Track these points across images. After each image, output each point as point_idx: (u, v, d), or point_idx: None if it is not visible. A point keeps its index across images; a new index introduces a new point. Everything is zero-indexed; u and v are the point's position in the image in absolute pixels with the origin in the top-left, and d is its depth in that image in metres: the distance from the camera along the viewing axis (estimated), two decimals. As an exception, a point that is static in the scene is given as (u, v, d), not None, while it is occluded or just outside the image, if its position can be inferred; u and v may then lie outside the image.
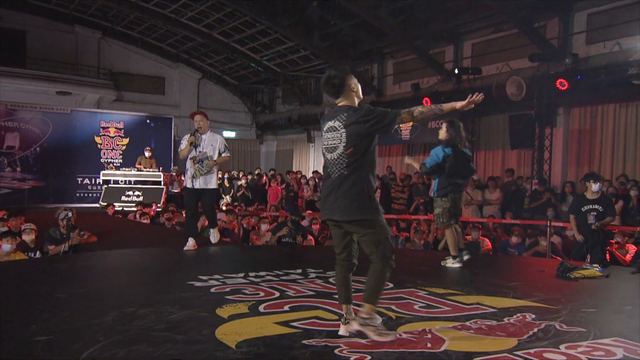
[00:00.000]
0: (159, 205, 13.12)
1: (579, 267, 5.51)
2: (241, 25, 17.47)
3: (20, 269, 5.68)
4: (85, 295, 4.30)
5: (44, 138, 17.54)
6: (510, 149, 13.03)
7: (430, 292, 4.56)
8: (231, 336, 3.20)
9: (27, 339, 3.09)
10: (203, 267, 5.49)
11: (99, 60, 20.49)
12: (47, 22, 19.63)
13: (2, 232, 6.59)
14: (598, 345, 3.22)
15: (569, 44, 11.83)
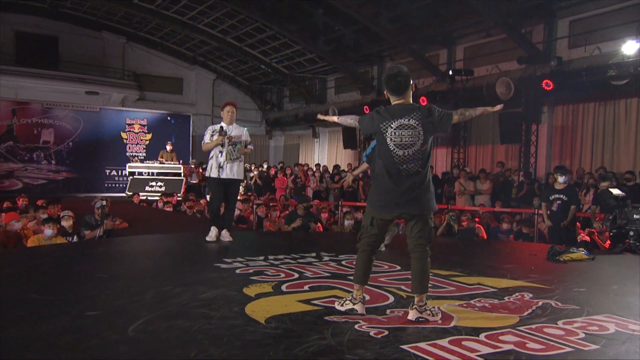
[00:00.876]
0: (179, 195, 13.15)
1: (567, 251, 5.53)
2: (253, 31, 17.41)
3: (62, 251, 5.69)
4: (124, 276, 4.30)
5: (75, 134, 17.59)
6: (499, 143, 13.04)
7: (435, 274, 4.51)
8: (260, 313, 3.20)
9: (79, 314, 3.10)
10: (226, 251, 5.48)
11: (123, 63, 20.47)
12: (77, 29, 19.60)
13: (45, 219, 6.64)
14: (592, 321, 3.23)
15: (553, 48, 11.81)
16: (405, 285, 4.09)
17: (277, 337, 2.78)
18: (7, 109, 16.70)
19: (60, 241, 6.42)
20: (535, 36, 12.15)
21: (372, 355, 2.57)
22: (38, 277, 4.23)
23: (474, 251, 6.15)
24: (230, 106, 6.22)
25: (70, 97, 18.56)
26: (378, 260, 5.02)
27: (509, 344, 2.76)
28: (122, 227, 7.69)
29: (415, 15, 13.62)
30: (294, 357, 2.50)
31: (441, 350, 2.65)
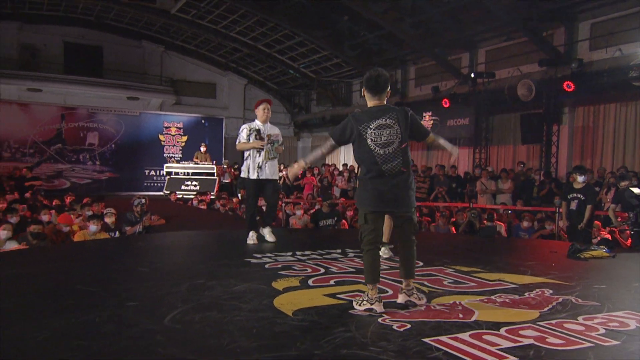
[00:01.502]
0: (213, 193, 13.28)
1: (588, 248, 5.38)
2: (281, 38, 17.50)
3: (105, 246, 5.81)
4: (161, 269, 4.35)
5: (117, 136, 17.92)
6: (520, 144, 12.81)
7: (456, 270, 4.48)
8: (287, 305, 3.20)
9: (120, 304, 3.15)
10: (256, 247, 5.49)
11: (161, 70, 20.82)
12: (120, 39, 20.05)
13: (90, 215, 6.80)
14: (612, 317, 3.13)
15: (574, 50, 11.51)
16: (427, 281, 4.05)
17: (304, 329, 2.78)
18: (56, 114, 17.16)
19: (104, 236, 6.57)
20: (557, 39, 11.88)
21: (394, 347, 2.55)
22: (83, 270, 4.33)
23: (494, 248, 6.03)
24: (265, 103, 5.69)
25: (113, 103, 18.98)
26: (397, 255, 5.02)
27: (529, 339, 2.69)
28: (159, 223, 7.79)
29: (437, 20, 13.48)
30: (320, 348, 2.49)
31: (462, 343, 2.61)
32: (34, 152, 16.52)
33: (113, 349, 2.44)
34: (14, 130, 16.26)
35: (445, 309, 3.28)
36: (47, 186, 15.77)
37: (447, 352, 2.48)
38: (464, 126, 13.77)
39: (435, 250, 5.60)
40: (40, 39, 18.98)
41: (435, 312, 3.19)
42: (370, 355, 2.42)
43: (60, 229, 6.95)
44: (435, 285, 3.91)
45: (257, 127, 5.55)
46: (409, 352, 2.49)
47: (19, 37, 18.59)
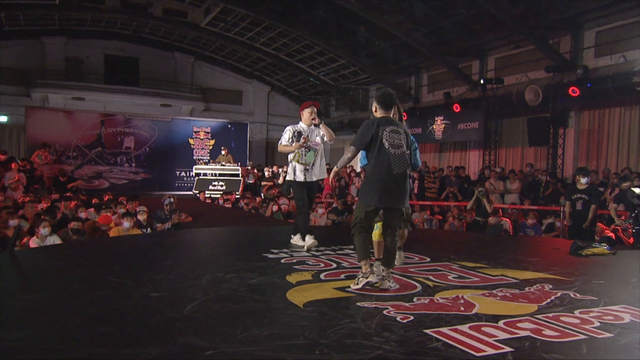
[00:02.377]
0: (237, 193, 13.38)
1: (589, 245, 5.27)
2: (302, 48, 17.55)
3: (137, 241, 5.89)
4: (186, 262, 4.38)
5: (151, 140, 18.08)
6: (528, 146, 12.61)
7: (461, 266, 4.43)
8: (299, 298, 3.21)
9: (145, 294, 3.20)
10: (274, 242, 5.49)
11: (192, 79, 21.06)
12: (154, 51, 20.36)
13: (123, 213, 6.93)
14: (608, 311, 3.07)
15: (579, 57, 11.29)
16: (433, 276, 4.02)
17: (313, 320, 2.79)
18: (97, 120, 17.49)
19: (136, 232, 6.69)
20: (563, 46, 11.66)
21: (396, 337, 2.55)
22: (117, 263, 4.43)
23: (500, 245, 5.94)
24: (312, 107, 5.10)
25: (147, 109, 19.28)
26: (410, 252, 4.97)
27: (526, 331, 2.66)
28: (187, 220, 7.88)
29: (449, 30, 13.37)
30: (326, 337, 2.50)
31: (461, 334, 2.59)
32: (76, 155, 16.86)
33: (136, 335, 2.49)
34: (59, 135, 16.63)
35: (448, 302, 3.26)
36: (88, 186, 16.15)
37: (446, 343, 2.47)
38: (474, 130, 13.61)
39: (443, 247, 5.55)
40: (84, 52, 19.44)
41: (438, 305, 3.17)
42: (373, 344, 2.42)
43: (98, 226, 7.10)
44: (440, 280, 3.88)
45: (300, 129, 5.09)
46: (410, 342, 2.49)
47: (65, 51, 19.07)
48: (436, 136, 14.77)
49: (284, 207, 9.86)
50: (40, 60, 18.65)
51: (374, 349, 2.36)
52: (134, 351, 2.27)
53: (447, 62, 14.35)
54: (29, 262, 4.43)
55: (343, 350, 2.34)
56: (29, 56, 18.48)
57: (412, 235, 6.81)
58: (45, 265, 4.24)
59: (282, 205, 10.05)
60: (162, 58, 20.51)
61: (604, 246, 5.31)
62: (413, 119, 15.55)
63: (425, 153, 16.47)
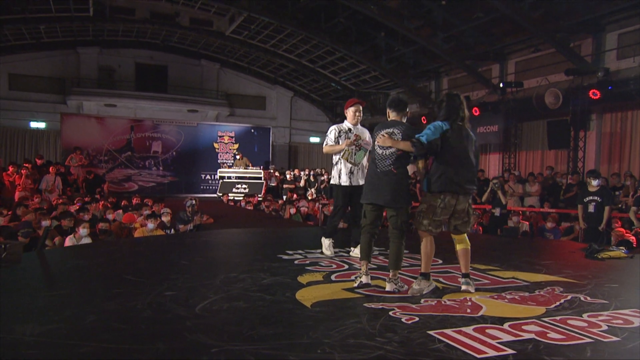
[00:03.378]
0: (260, 196, 13.48)
1: (606, 249, 5.12)
2: (324, 54, 17.57)
3: (159, 241, 5.98)
4: (202, 263, 4.44)
5: (178, 145, 18.28)
6: (548, 149, 12.35)
7: (473, 268, 4.30)
8: (308, 298, 3.22)
9: (160, 293, 3.25)
10: (290, 244, 5.51)
11: (217, 85, 21.29)
12: (182, 59, 20.64)
13: (148, 215, 7.07)
14: (618, 315, 3.00)
15: (601, 59, 10.99)
16: (443, 278, 3.98)
17: (319, 320, 2.79)
18: (127, 125, 17.88)
19: (159, 233, 6.82)
20: (584, 49, 11.38)
21: (399, 338, 2.53)
22: (137, 262, 4.53)
23: (515, 248, 5.83)
24: (357, 105, 4.64)
25: (175, 115, 19.59)
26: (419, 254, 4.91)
27: (531, 333, 2.61)
28: (208, 222, 7.98)
29: (468, 34, 13.21)
30: (330, 337, 2.51)
31: (464, 336, 2.56)
32: (107, 159, 17.28)
33: (146, 332, 2.54)
34: (91, 140, 17.08)
35: (455, 304, 3.23)
36: (118, 189, 16.54)
37: (448, 344, 2.45)
38: (493, 133, 13.41)
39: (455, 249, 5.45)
40: (116, 60, 19.94)
41: (445, 307, 3.15)
42: (376, 345, 2.42)
43: (124, 226, 7.26)
44: (449, 282, 3.86)
45: (347, 127, 4.67)
46: (412, 343, 2.47)
47: (99, 60, 19.58)
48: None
49: (303, 210, 9.90)
50: (75, 69, 19.20)
51: (375, 349, 2.36)
52: (142, 347, 2.33)
53: (466, 66, 14.18)
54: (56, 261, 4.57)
55: (345, 350, 2.34)
56: (65, 66, 19.06)
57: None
58: (71, 264, 4.37)
59: (302, 207, 10.09)
60: (189, 65, 20.79)
61: (622, 249, 5.17)
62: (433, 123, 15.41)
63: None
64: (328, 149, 4.70)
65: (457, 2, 11.98)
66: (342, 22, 14.78)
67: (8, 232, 6.09)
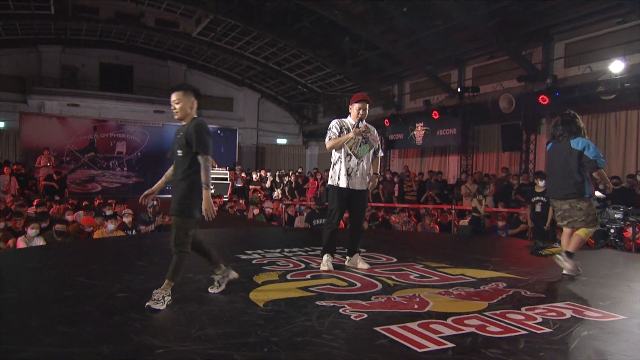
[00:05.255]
0: (226, 196, 13.34)
1: (549, 246, 5.30)
2: (290, 57, 17.57)
3: (118, 243, 5.83)
4: (159, 264, 4.27)
5: (143, 145, 17.94)
6: (501, 151, 12.72)
7: (425, 265, 4.45)
8: (261, 298, 3.20)
9: (112, 295, 3.18)
10: (250, 243, 5.50)
11: (184, 86, 20.97)
12: (148, 59, 20.28)
13: (108, 215, 6.88)
14: (553, 308, 3.12)
15: (550, 67, 11.41)
16: (395, 275, 4.03)
17: (269, 319, 2.79)
18: (90, 126, 17.35)
19: (120, 234, 6.65)
20: (535, 57, 11.78)
21: (346, 335, 2.56)
22: (91, 264, 4.37)
23: (467, 246, 5.97)
24: (363, 102, 4.18)
25: (142, 115, 19.15)
26: (378, 253, 4.99)
27: (471, 327, 2.69)
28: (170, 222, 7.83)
29: (429, 41, 13.45)
30: (278, 335, 2.51)
31: (408, 331, 2.60)
32: (70, 160, 16.73)
33: (93, 335, 2.47)
34: (53, 140, 16.45)
35: (404, 300, 3.28)
36: (82, 189, 16.03)
37: (393, 340, 2.49)
38: (452, 135, 13.70)
39: (412, 247, 5.56)
40: (79, 60, 19.32)
41: (394, 304, 3.19)
42: (322, 342, 2.43)
43: (83, 228, 7.04)
44: (401, 279, 3.90)
45: (350, 123, 4.25)
46: (358, 339, 2.50)
47: (61, 59, 18.94)
48: (417, 142, 14.85)
49: (267, 210, 9.86)
50: (37, 68, 18.51)
51: (321, 346, 2.37)
52: (86, 350, 2.26)
53: (427, 71, 14.45)
54: (7, 263, 4.38)
55: (291, 348, 2.35)
56: (25, 64, 18.36)
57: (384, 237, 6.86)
58: (21, 266, 4.20)
59: (267, 208, 10.04)
60: (155, 66, 20.44)
61: (564, 247, 5.35)
62: (395, 125, 15.64)
63: (407, 158, 16.55)
64: (333, 142, 4.17)
65: (419, 9, 12.20)
66: (308, 26, 14.81)
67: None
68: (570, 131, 4.20)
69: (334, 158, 4.29)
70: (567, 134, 4.21)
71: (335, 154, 4.27)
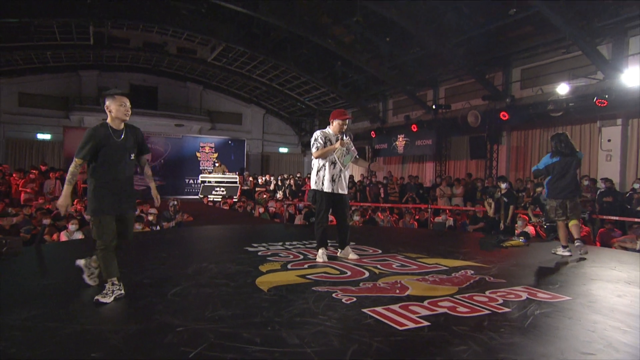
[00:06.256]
0: (235, 197, 13.30)
1: (508, 239, 5.34)
2: (291, 78, 17.59)
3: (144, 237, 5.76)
4: (179, 255, 4.32)
5: (165, 154, 17.92)
6: (469, 159, 12.75)
7: (405, 256, 4.42)
8: (265, 284, 3.19)
9: (139, 283, 3.17)
10: (256, 238, 5.43)
11: (201, 103, 20.94)
12: (170, 81, 20.20)
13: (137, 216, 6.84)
14: (511, 291, 3.14)
15: (509, 89, 11.49)
16: (380, 265, 4.01)
17: (273, 302, 2.78)
18: (121, 137, 17.26)
19: (146, 229, 6.61)
20: (496, 80, 11.86)
21: (338, 315, 2.56)
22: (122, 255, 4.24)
23: (441, 239, 5.98)
24: (346, 120, 4.10)
25: (164, 129, 19.10)
26: (366, 246, 4.98)
27: (444, 308, 2.70)
28: (188, 220, 7.81)
29: (409, 65, 13.51)
30: (280, 316, 2.51)
31: (391, 312, 2.61)
32: (104, 166, 16.61)
33: (123, 315, 2.47)
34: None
35: (388, 286, 3.28)
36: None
37: (377, 319, 2.49)
38: (428, 145, 13.75)
39: (395, 241, 5.55)
40: (113, 82, 19.22)
41: (379, 289, 3.19)
42: (318, 322, 2.43)
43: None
44: (385, 268, 3.90)
45: (332, 134, 4.17)
46: (349, 320, 2.50)
47: (98, 81, 18.87)
48: (399, 151, 14.87)
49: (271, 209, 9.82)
50: (77, 89, 18.52)
51: (317, 326, 2.37)
52: (117, 327, 2.25)
53: (407, 90, 14.48)
54: (52, 254, 4.36)
55: (291, 327, 2.35)
56: (68, 86, 18.39)
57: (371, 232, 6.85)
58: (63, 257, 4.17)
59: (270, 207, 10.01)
60: (176, 87, 20.37)
61: (521, 239, 5.40)
62: (381, 137, 15.67)
63: (391, 164, 16.57)
64: (322, 152, 4.06)
65: (399, 39, 12.25)
66: (306, 52, 14.85)
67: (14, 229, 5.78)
68: (573, 148, 4.62)
69: (318, 165, 4.16)
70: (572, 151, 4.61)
71: (319, 161, 4.15)
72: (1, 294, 2.77)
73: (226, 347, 2.04)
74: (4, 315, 2.37)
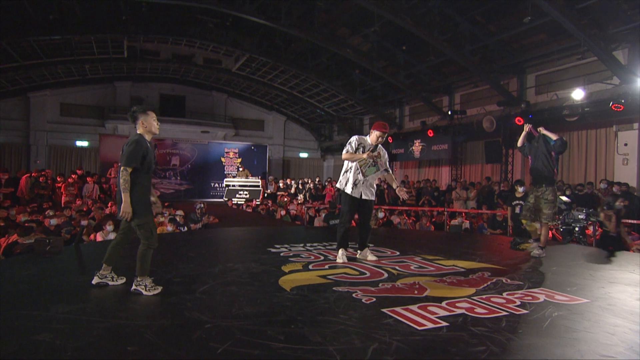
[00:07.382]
0: (258, 201, 13.40)
1: (525, 241, 5.21)
2: (311, 86, 17.63)
3: (173, 238, 5.87)
4: (206, 255, 4.38)
5: (192, 159, 18.14)
6: (485, 163, 12.51)
7: (423, 258, 4.39)
8: (288, 283, 3.21)
9: (169, 280, 3.22)
10: (278, 239, 5.46)
11: (225, 111, 21.20)
12: (197, 90, 20.50)
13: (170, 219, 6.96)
14: (529, 293, 3.07)
15: (524, 94, 11.23)
16: (399, 266, 3.98)
17: (295, 301, 2.79)
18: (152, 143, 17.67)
19: (175, 230, 6.73)
20: (511, 86, 11.62)
21: (358, 315, 2.55)
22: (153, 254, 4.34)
23: (457, 242, 5.88)
24: (384, 133, 4.09)
25: (192, 135, 19.42)
26: (384, 247, 4.95)
27: (462, 309, 2.66)
28: (214, 222, 7.88)
29: (424, 73, 13.40)
30: (302, 315, 2.52)
31: (410, 312, 2.59)
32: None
33: (155, 311, 2.52)
34: (122, 156, 16.84)
35: (406, 287, 3.25)
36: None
37: (396, 319, 2.48)
38: (444, 150, 13.56)
39: (412, 243, 5.49)
40: (144, 92, 19.78)
41: (398, 289, 3.17)
42: (339, 321, 2.43)
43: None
44: (403, 269, 3.87)
45: (369, 143, 4.19)
46: (368, 319, 2.49)
47: (131, 92, 19.43)
48: (415, 155, 14.73)
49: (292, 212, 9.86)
50: (112, 99, 19.09)
51: (338, 324, 2.37)
52: (150, 323, 2.30)
53: (423, 97, 14.36)
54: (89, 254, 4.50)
55: (313, 325, 2.35)
56: (104, 96, 19.00)
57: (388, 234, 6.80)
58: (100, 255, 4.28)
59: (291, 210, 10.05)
60: (203, 96, 20.69)
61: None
62: (397, 142, 15.55)
63: (407, 169, 16.42)
64: (349, 156, 4.10)
65: (415, 47, 12.16)
66: (325, 61, 14.90)
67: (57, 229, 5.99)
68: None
69: (346, 166, 4.23)
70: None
71: (349, 163, 4.20)
72: (47, 289, 2.87)
73: (252, 343, 2.06)
74: (49, 309, 2.45)
